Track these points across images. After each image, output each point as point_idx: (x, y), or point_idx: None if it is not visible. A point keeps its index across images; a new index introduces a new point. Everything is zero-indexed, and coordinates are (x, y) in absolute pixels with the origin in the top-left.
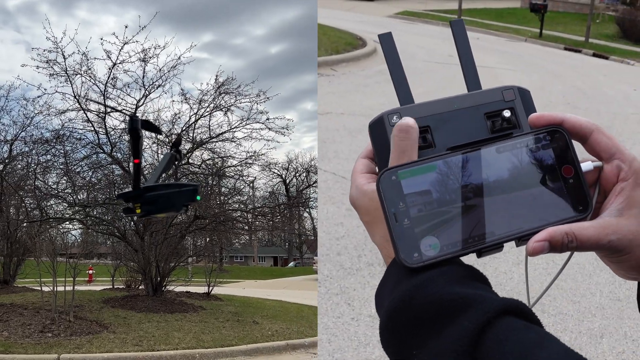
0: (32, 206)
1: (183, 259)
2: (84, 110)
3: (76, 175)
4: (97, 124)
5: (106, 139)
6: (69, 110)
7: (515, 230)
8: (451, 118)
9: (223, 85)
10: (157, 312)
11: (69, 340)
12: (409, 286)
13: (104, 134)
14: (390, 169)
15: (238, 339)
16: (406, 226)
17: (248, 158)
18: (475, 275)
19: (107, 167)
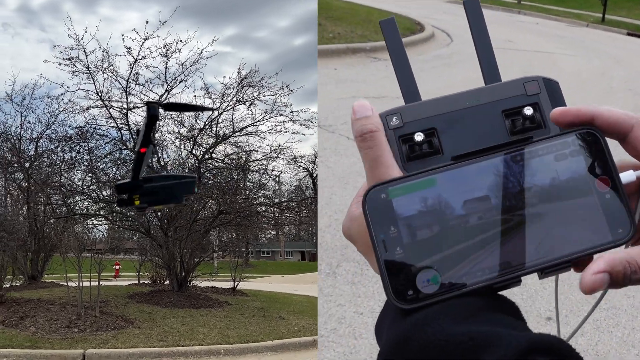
0: (58, 203)
1: (208, 254)
2: (107, 107)
3: (100, 171)
4: (120, 120)
5: (129, 135)
6: (92, 107)
7: (537, 260)
8: (462, 118)
9: (246, 78)
10: (182, 307)
11: (95, 335)
12: (406, 325)
13: (126, 130)
14: (379, 186)
15: (264, 334)
16: (398, 256)
17: (272, 152)
18: (499, 305)
19: (130, 163)
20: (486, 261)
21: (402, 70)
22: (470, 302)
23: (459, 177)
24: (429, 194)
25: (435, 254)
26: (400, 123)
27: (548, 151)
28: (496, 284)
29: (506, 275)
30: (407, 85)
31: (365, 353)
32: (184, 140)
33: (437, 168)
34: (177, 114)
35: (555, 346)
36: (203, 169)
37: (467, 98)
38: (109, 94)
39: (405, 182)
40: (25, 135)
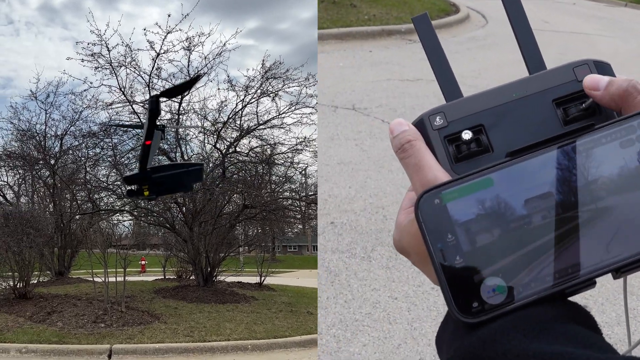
0: (83, 199)
1: (233, 249)
2: (130, 102)
3: (124, 167)
4: (143, 116)
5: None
6: (115, 102)
7: (613, 259)
8: (510, 111)
9: (270, 70)
10: (208, 302)
11: (121, 330)
12: (474, 340)
13: None
14: (431, 190)
15: (292, 329)
16: (459, 265)
17: (298, 144)
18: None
19: (154, 157)
20: (555, 264)
21: (440, 67)
22: (540, 313)
23: (517, 174)
24: (486, 195)
25: (498, 261)
26: (445, 122)
27: (612, 138)
28: (568, 288)
29: (578, 278)
30: (447, 82)
31: (399, 338)
32: (207, 134)
33: (492, 167)
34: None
35: None
36: (227, 163)
37: (513, 90)
38: (131, 89)
39: (459, 185)
40: (50, 132)
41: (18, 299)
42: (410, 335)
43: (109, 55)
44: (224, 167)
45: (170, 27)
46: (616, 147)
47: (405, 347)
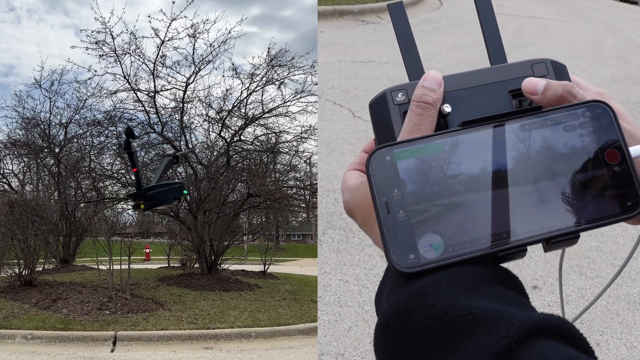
0: (88, 187)
1: (237, 237)
2: (134, 91)
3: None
4: (148, 104)
5: (157, 118)
6: (119, 91)
7: (544, 230)
8: (469, 96)
9: (276, 57)
10: (212, 290)
11: (126, 317)
12: (406, 294)
13: (154, 114)
14: (384, 147)
15: (295, 317)
16: (401, 219)
17: (303, 133)
18: (501, 277)
19: (158, 146)
20: (490, 229)
21: (408, 49)
22: (472, 272)
23: (467, 143)
24: (435, 159)
25: (438, 220)
26: (406, 99)
27: (557, 122)
28: (500, 251)
29: (511, 243)
30: (412, 63)
31: (350, 321)
32: (212, 123)
33: (444, 133)
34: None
35: (559, 327)
36: (232, 152)
37: (474, 77)
38: (136, 77)
39: (411, 146)
40: (55, 120)
41: (23, 286)
42: (361, 317)
43: (113, 43)
44: (228, 156)
45: (175, 14)
46: (559, 129)
47: (356, 330)
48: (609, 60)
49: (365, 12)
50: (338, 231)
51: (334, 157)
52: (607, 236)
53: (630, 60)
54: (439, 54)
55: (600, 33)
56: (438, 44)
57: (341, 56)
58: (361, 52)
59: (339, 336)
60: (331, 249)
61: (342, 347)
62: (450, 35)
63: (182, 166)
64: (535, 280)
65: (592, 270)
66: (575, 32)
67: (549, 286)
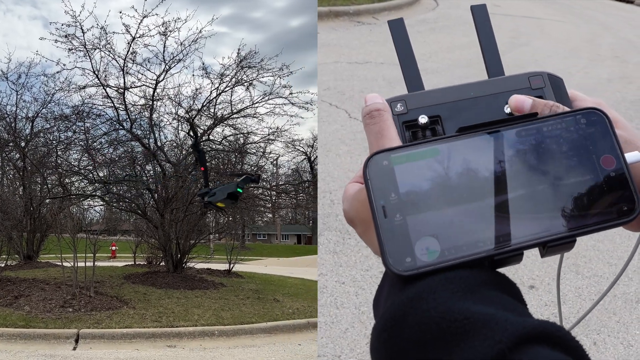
0: (54, 183)
1: (204, 236)
2: (103, 86)
3: (96, 152)
4: (117, 100)
5: (126, 115)
6: (88, 86)
7: (541, 234)
8: (467, 107)
9: (245, 59)
10: (177, 288)
11: (89, 315)
12: (402, 298)
13: (123, 111)
14: (382, 152)
15: (258, 316)
16: (398, 223)
17: (271, 134)
18: (498, 282)
19: (127, 143)
20: (488, 232)
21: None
22: (469, 277)
23: (463, 148)
24: (432, 163)
25: (435, 223)
26: (405, 110)
27: (554, 128)
28: (497, 255)
29: (508, 247)
30: (411, 75)
31: (346, 322)
32: (181, 122)
33: (441, 138)
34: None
35: (554, 334)
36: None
37: (472, 89)
38: (105, 73)
39: (408, 150)
40: (21, 114)
41: None
42: (358, 319)
43: (83, 37)
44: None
45: (147, 11)
46: (555, 136)
47: (352, 331)
48: (606, 60)
49: (360, 13)
50: (334, 232)
51: (330, 158)
52: (603, 235)
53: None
54: (435, 55)
55: (597, 33)
56: (434, 44)
57: (337, 57)
58: (357, 53)
59: (336, 337)
60: (327, 250)
61: (339, 348)
62: (447, 36)
63: (151, 164)
64: (532, 280)
65: (588, 269)
66: (572, 32)
67: (546, 285)
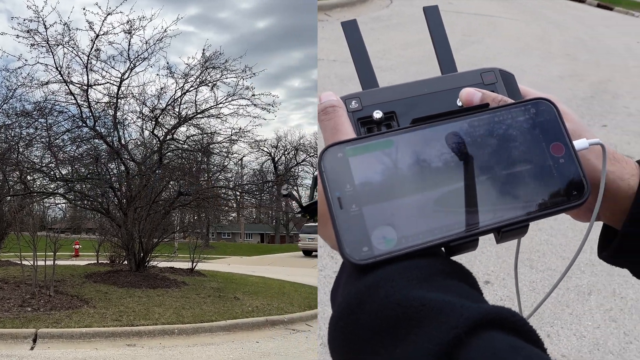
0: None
1: (168, 234)
2: (66, 83)
3: (59, 149)
4: (80, 97)
5: (89, 112)
6: (51, 82)
7: (495, 220)
8: (421, 103)
9: (210, 59)
10: (139, 287)
11: (48, 314)
12: (360, 287)
13: (86, 108)
14: (336, 144)
15: (218, 314)
16: (354, 213)
17: (234, 135)
18: (453, 270)
19: (90, 141)
20: (443, 220)
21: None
22: (426, 265)
23: (417, 139)
24: (386, 155)
25: (391, 213)
26: (360, 106)
27: (505, 117)
28: (452, 241)
29: (463, 234)
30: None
31: None
32: (145, 120)
33: (395, 130)
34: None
35: (508, 319)
36: (165, 150)
37: (426, 86)
38: (69, 70)
39: (362, 142)
40: None
41: None
42: None
43: (46, 33)
44: (161, 154)
45: (111, 9)
46: (506, 125)
47: None
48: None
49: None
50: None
51: None
52: (556, 230)
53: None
54: (389, 52)
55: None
56: (388, 42)
57: None
58: None
59: None
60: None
61: None
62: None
63: (114, 162)
64: (487, 276)
65: (542, 263)
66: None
67: (501, 281)
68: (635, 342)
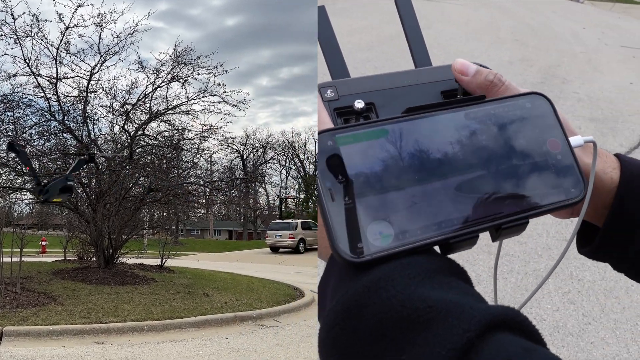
0: None
1: (137, 231)
2: (35, 75)
3: (26, 143)
4: (49, 90)
5: (58, 106)
6: (18, 74)
7: (494, 216)
8: (401, 95)
9: (181, 55)
10: (108, 284)
11: (15, 312)
12: (357, 287)
13: (55, 101)
14: (326, 131)
15: (187, 311)
16: (347, 206)
17: (204, 131)
18: (451, 267)
19: (58, 135)
20: (441, 215)
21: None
22: (425, 262)
23: (412, 129)
24: (380, 144)
25: (386, 206)
26: (336, 96)
27: (501, 111)
28: (452, 238)
29: (462, 229)
30: (335, 62)
31: None
32: (116, 115)
33: (389, 119)
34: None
35: (514, 320)
36: (135, 146)
37: (404, 77)
38: (37, 62)
39: (354, 130)
40: None
41: None
42: None
43: (14, 23)
44: (131, 150)
45: (81, 1)
46: (502, 118)
47: None
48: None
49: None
50: None
51: None
52: None
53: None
54: None
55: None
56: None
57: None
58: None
59: None
60: None
61: None
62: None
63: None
64: None
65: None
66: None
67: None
68: (593, 322)
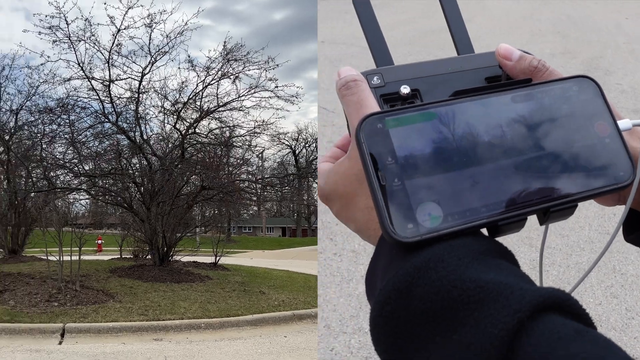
0: (39, 176)
1: (190, 229)
2: (88, 79)
3: (82, 145)
4: (102, 93)
5: (111, 108)
6: (73, 78)
7: (543, 199)
8: (446, 81)
9: (231, 52)
10: (164, 281)
11: (75, 309)
12: (408, 268)
13: (109, 103)
14: (375, 114)
15: (244, 308)
16: (396, 188)
17: (256, 127)
18: (499, 250)
19: (112, 136)
20: (491, 198)
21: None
22: (474, 244)
23: (461, 111)
24: (429, 126)
25: (436, 188)
26: (382, 83)
27: (549, 94)
28: (501, 220)
29: (510, 212)
30: (380, 50)
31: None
32: (167, 114)
33: (437, 102)
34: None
35: (565, 302)
36: (186, 144)
37: (448, 64)
38: (90, 65)
39: (403, 113)
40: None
41: None
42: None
43: (68, 28)
44: (182, 148)
45: (132, 3)
46: (549, 102)
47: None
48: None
49: None
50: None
51: None
52: None
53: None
54: None
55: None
56: None
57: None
58: None
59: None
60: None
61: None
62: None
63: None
64: None
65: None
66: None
67: None
68: (637, 317)
